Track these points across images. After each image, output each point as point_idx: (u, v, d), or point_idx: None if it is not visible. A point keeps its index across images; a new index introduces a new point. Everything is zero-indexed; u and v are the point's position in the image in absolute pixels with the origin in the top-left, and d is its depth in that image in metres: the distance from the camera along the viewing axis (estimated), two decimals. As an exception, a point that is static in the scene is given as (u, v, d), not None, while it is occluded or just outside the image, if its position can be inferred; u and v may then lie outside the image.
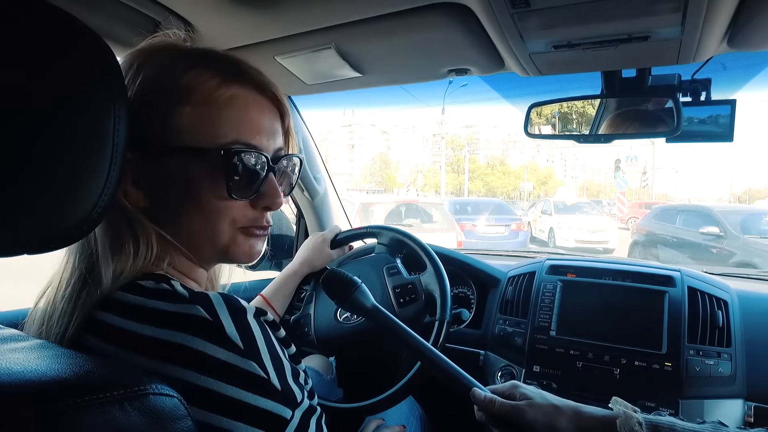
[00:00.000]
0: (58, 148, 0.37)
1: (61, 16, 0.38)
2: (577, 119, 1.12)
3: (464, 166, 39.32)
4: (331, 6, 0.83)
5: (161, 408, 0.39)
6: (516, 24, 0.75)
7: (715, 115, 0.96)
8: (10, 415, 0.33)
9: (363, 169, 57.91)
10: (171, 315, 0.46)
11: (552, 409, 0.68)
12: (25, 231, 0.37)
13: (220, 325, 0.45)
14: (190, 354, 0.44)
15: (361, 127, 62.27)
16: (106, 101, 0.40)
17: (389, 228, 1.21)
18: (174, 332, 0.45)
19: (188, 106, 0.52)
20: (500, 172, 51.44)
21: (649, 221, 8.80)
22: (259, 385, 0.45)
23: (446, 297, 1.00)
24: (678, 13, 0.68)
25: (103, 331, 0.47)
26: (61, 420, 0.34)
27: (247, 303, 0.50)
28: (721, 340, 1.05)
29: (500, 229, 10.26)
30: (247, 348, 0.46)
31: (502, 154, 52.84)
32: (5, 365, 0.37)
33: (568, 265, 1.27)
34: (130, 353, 0.45)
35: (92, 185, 0.40)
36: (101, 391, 0.37)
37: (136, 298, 0.48)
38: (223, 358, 0.44)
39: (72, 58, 0.38)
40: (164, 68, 0.54)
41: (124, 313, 0.47)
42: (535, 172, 53.02)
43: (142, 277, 0.50)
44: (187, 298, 0.47)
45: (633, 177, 17.92)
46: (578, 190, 49.89)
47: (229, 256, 0.58)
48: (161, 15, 0.88)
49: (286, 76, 1.10)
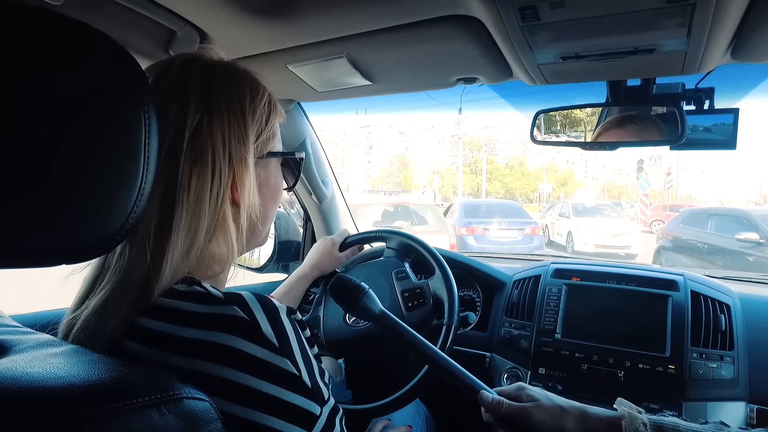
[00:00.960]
0: (90, 160, 0.38)
1: (82, 28, 0.39)
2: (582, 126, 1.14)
3: (482, 167, 38.84)
4: (344, 17, 0.84)
5: (194, 411, 0.41)
6: (526, 37, 0.77)
7: (718, 124, 0.98)
8: (59, 417, 0.35)
9: (381, 170, 57.24)
10: (209, 316, 0.48)
11: (558, 410, 0.70)
12: (61, 241, 0.38)
13: (257, 324, 0.47)
14: (228, 352, 0.46)
15: (379, 128, 61.51)
16: (136, 111, 0.41)
17: (398, 232, 1.22)
18: (212, 332, 0.46)
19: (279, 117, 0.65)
20: (519, 173, 50.30)
21: (676, 226, 8.09)
22: (292, 381, 0.48)
23: (454, 302, 1.02)
24: (684, 27, 0.70)
25: (142, 334, 0.49)
26: (105, 422, 0.36)
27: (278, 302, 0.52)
28: (723, 343, 1.07)
29: (513, 233, 9.65)
30: (281, 345, 0.48)
31: (521, 155, 51.66)
32: (49, 370, 0.39)
33: (572, 269, 1.29)
34: (168, 354, 0.47)
35: (125, 196, 0.41)
36: (140, 395, 0.39)
37: (172, 301, 0.50)
38: (260, 356, 0.46)
39: (98, 70, 0.39)
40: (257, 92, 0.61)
41: (161, 317, 0.49)
42: (554, 174, 51.70)
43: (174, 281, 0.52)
44: (222, 299, 0.49)
45: (657, 178, 17.13)
46: (599, 191, 48.47)
47: (265, 239, 0.69)
48: (177, 25, 0.90)
49: (298, 84, 1.12)
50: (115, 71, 0.41)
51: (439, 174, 50.50)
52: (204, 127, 0.53)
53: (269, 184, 0.64)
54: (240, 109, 0.57)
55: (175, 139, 0.52)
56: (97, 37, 0.40)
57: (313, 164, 1.47)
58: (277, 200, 0.67)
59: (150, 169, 0.43)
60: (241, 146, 0.56)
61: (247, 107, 0.58)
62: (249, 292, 0.51)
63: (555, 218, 13.47)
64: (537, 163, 52.97)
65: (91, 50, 0.39)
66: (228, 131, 0.55)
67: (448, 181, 47.15)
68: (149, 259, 0.50)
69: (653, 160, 16.39)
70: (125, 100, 0.41)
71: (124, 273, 0.52)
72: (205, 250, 0.55)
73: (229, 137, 0.55)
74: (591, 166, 64.12)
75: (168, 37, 0.91)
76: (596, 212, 12.50)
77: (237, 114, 0.56)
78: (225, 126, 0.55)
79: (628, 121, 1.06)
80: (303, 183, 1.49)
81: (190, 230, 0.52)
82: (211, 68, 0.58)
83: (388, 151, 59.99)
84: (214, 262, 0.57)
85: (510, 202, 13.40)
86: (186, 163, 0.52)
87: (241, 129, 0.56)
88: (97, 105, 0.39)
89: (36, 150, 0.35)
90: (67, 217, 0.38)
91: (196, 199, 0.52)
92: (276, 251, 1.45)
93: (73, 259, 0.41)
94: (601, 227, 11.22)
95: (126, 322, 0.50)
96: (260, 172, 0.62)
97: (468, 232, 9.49)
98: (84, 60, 0.38)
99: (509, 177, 49.41)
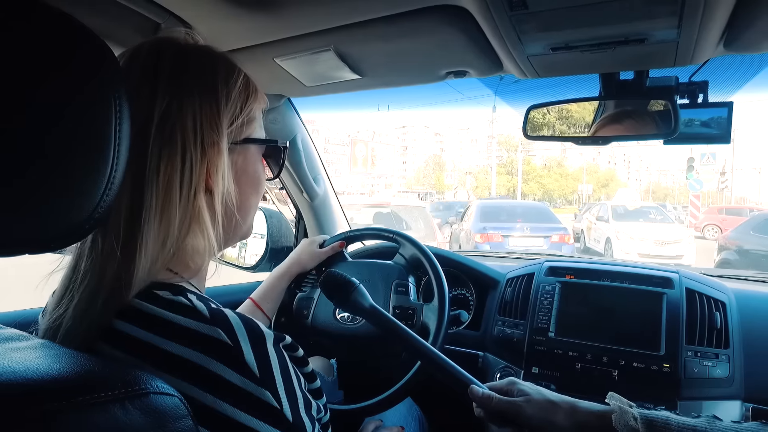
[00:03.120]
0: (58, 147, 0.37)
1: (58, 16, 0.38)
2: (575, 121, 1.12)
3: (518, 168, 38.16)
4: (330, 8, 0.83)
5: (162, 407, 0.39)
6: (514, 26, 0.76)
7: (712, 117, 0.97)
8: (16, 415, 0.33)
9: (416, 171, 56.62)
10: (192, 333, 0.46)
11: (549, 404, 0.69)
12: (27, 230, 0.37)
13: (239, 351, 0.46)
14: (207, 376, 0.44)
15: (415, 129, 61.10)
16: (107, 98, 0.40)
17: (416, 243, 1.16)
18: (194, 352, 0.45)
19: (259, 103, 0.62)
20: (557, 174, 48.49)
21: (744, 233, 6.93)
22: (271, 415, 0.46)
23: (439, 335, 0.99)
24: (674, 16, 0.69)
25: (118, 339, 0.47)
26: (64, 419, 0.35)
27: (266, 328, 0.50)
28: (719, 341, 1.06)
29: (537, 241, 8.25)
30: (263, 376, 0.46)
31: (560, 156, 49.78)
32: (7, 364, 0.37)
33: (566, 267, 1.28)
34: (145, 365, 0.45)
35: (94, 184, 0.40)
36: (103, 390, 0.37)
37: (154, 308, 0.48)
38: (239, 384, 0.45)
39: (70, 57, 0.38)
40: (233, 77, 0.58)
41: (140, 323, 0.47)
42: (594, 175, 50.27)
43: (154, 286, 0.50)
44: (208, 318, 0.47)
45: (709, 178, 15.70)
46: (642, 193, 46.42)
47: (249, 232, 0.67)
48: (161, 17, 0.88)
49: (286, 78, 1.11)
50: (85, 56, 0.40)
51: (472, 174, 49.83)
52: (173, 112, 0.51)
53: (248, 172, 0.61)
54: (212, 92, 0.55)
55: (145, 125, 0.50)
56: (65, 22, 0.39)
57: (303, 161, 1.46)
58: (258, 190, 0.64)
59: (121, 156, 0.42)
60: (213, 131, 0.54)
61: (220, 90, 0.55)
62: (235, 313, 0.49)
63: (592, 222, 11.89)
64: (576, 164, 51.39)
65: (59, 35, 0.38)
66: (199, 115, 0.53)
67: (483, 182, 46.36)
68: (119, 252, 0.48)
69: (705, 158, 15.05)
70: (95, 85, 0.40)
71: (99, 268, 0.50)
72: (182, 241, 0.53)
73: (201, 121, 0.53)
74: (634, 167, 61.71)
75: (152, 29, 0.90)
76: (640, 215, 11.02)
77: (209, 97, 0.54)
78: (196, 110, 0.52)
79: (621, 115, 1.05)
80: (294, 181, 1.47)
81: (162, 220, 0.50)
82: (182, 51, 0.56)
83: (424, 152, 59.53)
84: (195, 255, 0.55)
85: (537, 204, 12.17)
86: (155, 148, 0.50)
87: (214, 113, 0.54)
88: (66, 91, 0.38)
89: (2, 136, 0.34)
90: (34, 204, 0.37)
91: (165, 186, 0.50)
92: (268, 250, 1.43)
93: (39, 249, 0.40)
94: (645, 233, 9.69)
95: (102, 323, 0.48)
96: (237, 159, 0.59)
97: (483, 239, 8.24)
98: (52, 45, 0.37)
99: (547, 178, 47.86)
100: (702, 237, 12.52)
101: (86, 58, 0.40)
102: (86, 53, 0.40)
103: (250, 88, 0.60)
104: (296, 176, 1.47)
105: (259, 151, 0.64)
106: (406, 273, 1.15)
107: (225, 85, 0.56)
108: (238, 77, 0.58)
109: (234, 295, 1.39)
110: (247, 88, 0.59)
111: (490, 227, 8.41)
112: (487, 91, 14.11)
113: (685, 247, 9.23)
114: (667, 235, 9.49)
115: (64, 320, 0.50)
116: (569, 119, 1.13)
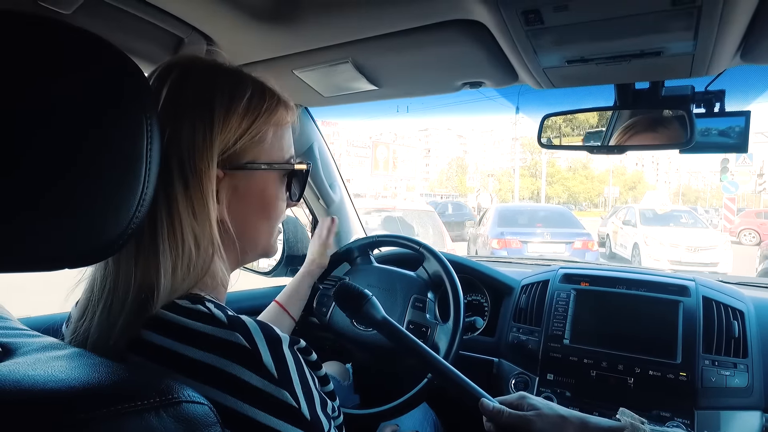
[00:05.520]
0: (93, 166, 0.39)
1: (87, 37, 0.40)
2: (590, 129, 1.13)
3: (542, 170, 37.54)
4: (348, 23, 0.85)
5: (194, 415, 0.41)
6: (530, 40, 0.77)
7: (729, 127, 0.97)
8: (57, 420, 0.35)
9: (439, 173, 56.14)
10: (210, 338, 0.47)
11: (559, 419, 0.69)
12: (61, 246, 0.39)
13: (258, 353, 0.47)
14: (227, 378, 0.46)
15: (437, 132, 60.44)
16: (138, 118, 0.42)
17: (442, 260, 1.16)
18: (212, 355, 0.46)
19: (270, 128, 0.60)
20: (582, 176, 47.79)
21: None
22: (290, 414, 0.47)
23: (448, 357, 1.01)
24: (690, 29, 0.69)
25: (145, 349, 0.49)
26: (102, 425, 0.36)
27: (282, 332, 0.52)
28: (737, 350, 1.05)
29: (558, 247, 7.73)
30: (281, 377, 0.48)
31: (585, 158, 47.93)
32: (50, 372, 0.39)
33: (581, 274, 1.28)
34: (171, 371, 0.47)
35: (127, 201, 0.41)
36: (138, 398, 0.39)
37: (175, 317, 0.50)
38: (258, 385, 0.46)
39: (102, 77, 0.40)
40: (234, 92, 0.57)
41: (164, 332, 0.49)
42: (621, 177, 48.98)
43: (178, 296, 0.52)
44: (225, 323, 0.48)
45: (745, 180, 14.36)
46: (672, 196, 45.26)
47: (269, 252, 0.66)
48: (184, 32, 0.91)
49: (304, 89, 1.13)
50: (120, 79, 0.42)
51: (494, 177, 49.17)
52: (169, 137, 0.51)
53: (252, 196, 0.60)
54: (208, 115, 0.54)
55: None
56: (104, 47, 0.41)
57: (320, 169, 1.48)
58: (269, 215, 0.63)
59: (152, 174, 0.44)
60: (202, 158, 0.53)
61: (217, 113, 0.54)
62: (251, 318, 0.51)
63: (618, 226, 11.18)
64: (602, 166, 49.26)
65: (98, 59, 0.40)
66: (190, 141, 0.52)
67: (506, 185, 45.67)
68: (140, 270, 0.51)
69: (742, 159, 13.82)
70: (131, 108, 0.42)
71: (123, 281, 0.52)
72: (195, 260, 0.54)
73: (190, 148, 0.52)
74: (663, 169, 59.51)
75: (176, 44, 0.93)
76: (670, 220, 10.27)
77: (203, 120, 0.53)
78: (189, 134, 0.52)
79: (636, 124, 1.05)
80: (310, 187, 1.49)
81: (173, 243, 0.52)
82: (185, 73, 0.55)
83: (447, 154, 58.92)
84: (209, 276, 0.57)
85: (559, 208, 11.34)
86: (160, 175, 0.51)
87: (206, 138, 0.53)
88: (102, 112, 0.40)
89: (41, 155, 0.36)
90: (72, 221, 0.39)
91: (168, 211, 0.52)
92: (285, 256, 1.45)
93: (76, 263, 0.42)
94: (677, 238, 8.98)
95: (129, 334, 0.50)
96: (238, 184, 0.58)
97: (500, 245, 7.84)
98: (91, 69, 0.39)
99: (572, 180, 47.38)
100: (738, 242, 11.80)
101: (123, 81, 0.42)
102: (123, 77, 0.42)
103: (261, 108, 0.58)
104: (313, 183, 1.49)
105: (273, 174, 0.62)
106: (426, 288, 1.16)
107: (222, 106, 0.55)
108: (243, 96, 0.56)
109: (256, 300, 1.42)
110: (256, 108, 0.57)
111: (508, 232, 8.05)
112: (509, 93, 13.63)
113: (721, 253, 8.61)
114: (701, 240, 8.83)
115: (91, 332, 0.53)
116: (584, 128, 1.14)
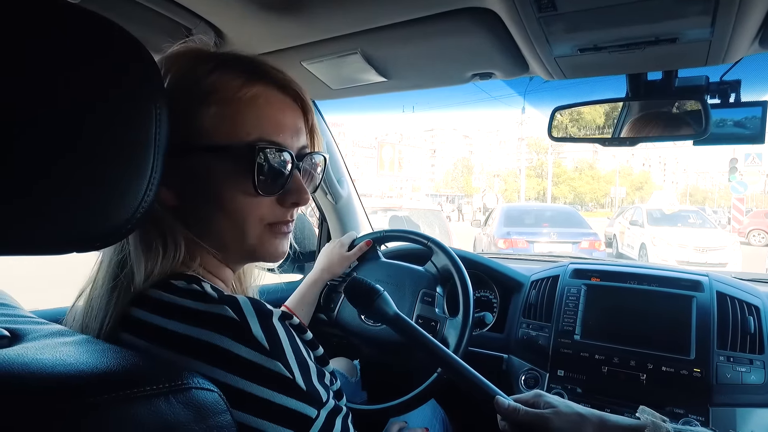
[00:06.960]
0: (102, 150, 0.39)
1: (101, 21, 0.39)
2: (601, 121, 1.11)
3: (548, 171, 37.49)
4: (357, 12, 0.84)
5: (203, 402, 0.41)
6: (542, 28, 0.75)
7: (746, 117, 0.95)
8: (67, 403, 0.35)
9: (445, 173, 55.80)
10: (200, 313, 0.47)
11: (578, 417, 0.67)
12: (71, 230, 0.39)
13: (247, 326, 0.47)
14: (217, 352, 0.45)
15: (443, 132, 60.09)
16: (148, 104, 0.42)
17: (450, 254, 1.14)
18: (202, 330, 0.46)
19: (212, 106, 0.53)
20: (589, 177, 46.92)
21: None
22: (285, 385, 0.47)
23: (458, 352, 1.00)
24: (708, 14, 0.68)
25: (136, 327, 0.49)
26: (112, 409, 0.36)
27: (274, 307, 0.51)
28: (753, 346, 1.03)
29: (565, 247, 7.58)
30: (272, 348, 0.47)
31: (591, 158, 48.18)
32: (58, 357, 0.39)
33: (592, 269, 1.26)
34: (160, 348, 0.47)
35: (135, 186, 0.41)
36: (148, 384, 0.38)
37: (168, 296, 0.50)
38: (249, 358, 0.46)
39: (113, 62, 0.40)
40: (189, 71, 0.54)
41: (155, 310, 0.49)
42: (628, 177, 48.69)
43: (174, 277, 0.52)
44: (216, 299, 0.48)
45: (754, 180, 14.06)
46: (679, 196, 44.56)
47: (257, 256, 0.60)
48: (192, 23, 0.91)
49: (312, 81, 1.12)
50: (132, 65, 0.41)
51: (500, 177, 48.93)
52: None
53: (203, 185, 0.54)
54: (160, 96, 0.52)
55: None
56: (115, 31, 0.41)
57: (328, 164, 1.47)
58: (224, 208, 0.55)
59: (159, 159, 0.43)
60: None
61: (173, 92, 0.51)
62: (246, 296, 0.50)
63: (626, 227, 11.07)
64: (609, 166, 49.39)
65: (110, 44, 0.40)
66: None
67: (512, 185, 45.25)
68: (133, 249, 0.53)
69: (750, 159, 13.61)
70: (139, 93, 0.42)
71: (112, 262, 0.54)
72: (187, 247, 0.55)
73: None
74: (670, 169, 58.95)
75: (184, 34, 0.92)
76: (678, 220, 10.17)
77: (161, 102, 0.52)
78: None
79: (649, 115, 1.03)
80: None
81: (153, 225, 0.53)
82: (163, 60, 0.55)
83: (453, 154, 58.52)
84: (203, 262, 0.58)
85: (566, 208, 11.22)
86: None
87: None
88: (112, 96, 0.39)
89: (51, 140, 0.36)
90: (77, 205, 0.38)
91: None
92: (291, 252, 1.44)
93: (85, 247, 0.42)
94: (684, 239, 8.89)
95: (118, 311, 0.51)
96: (188, 171, 0.54)
97: (506, 245, 7.74)
98: (103, 53, 0.39)
99: (578, 180, 46.73)
100: (747, 243, 11.78)
101: (135, 67, 0.42)
102: (134, 63, 0.42)
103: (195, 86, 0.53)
104: (320, 179, 1.48)
105: (224, 159, 0.53)
106: (435, 283, 1.15)
107: (176, 85, 0.53)
108: (166, 73, 0.54)
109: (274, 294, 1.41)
110: (183, 86, 0.53)
111: (514, 232, 7.93)
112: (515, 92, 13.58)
113: (730, 254, 8.53)
114: (709, 241, 8.76)
115: (85, 311, 0.55)
116: (595, 120, 1.12)
